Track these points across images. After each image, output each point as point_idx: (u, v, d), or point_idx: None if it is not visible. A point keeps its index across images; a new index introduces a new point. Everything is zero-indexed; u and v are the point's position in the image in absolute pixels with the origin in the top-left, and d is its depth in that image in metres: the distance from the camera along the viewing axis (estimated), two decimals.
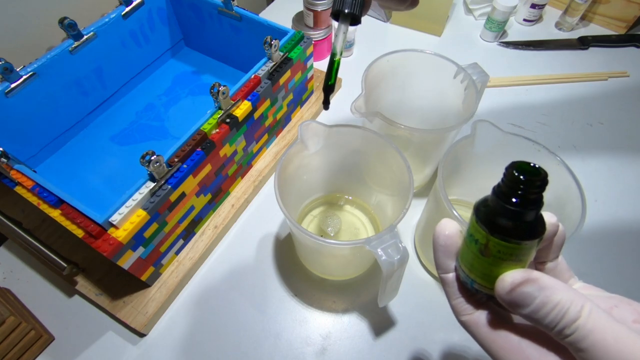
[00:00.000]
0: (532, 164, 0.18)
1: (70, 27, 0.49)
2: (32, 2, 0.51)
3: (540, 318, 0.17)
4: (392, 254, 0.31)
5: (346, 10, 0.28)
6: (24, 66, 0.47)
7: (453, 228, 0.21)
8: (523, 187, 0.17)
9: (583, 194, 0.34)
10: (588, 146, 0.59)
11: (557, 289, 0.17)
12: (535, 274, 0.18)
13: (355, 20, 0.29)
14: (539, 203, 0.18)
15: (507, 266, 0.19)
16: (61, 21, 0.48)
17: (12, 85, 0.46)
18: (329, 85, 0.30)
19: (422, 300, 0.45)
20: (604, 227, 0.51)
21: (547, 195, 0.18)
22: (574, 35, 0.74)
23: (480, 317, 0.20)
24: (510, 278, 0.18)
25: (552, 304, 0.17)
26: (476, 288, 0.20)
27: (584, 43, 0.72)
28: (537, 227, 0.18)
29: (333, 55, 0.30)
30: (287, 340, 0.43)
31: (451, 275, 0.22)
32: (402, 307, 0.45)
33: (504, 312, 0.20)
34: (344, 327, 0.44)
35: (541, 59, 0.71)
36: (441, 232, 0.21)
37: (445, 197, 0.35)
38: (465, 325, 0.21)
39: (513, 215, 0.18)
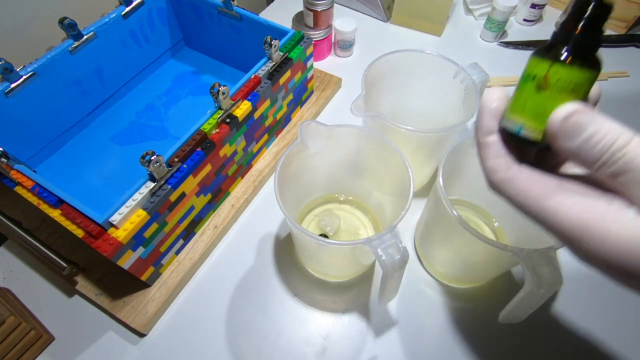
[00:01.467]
0: None
1: (70, 27, 0.49)
2: (32, 2, 0.51)
3: (590, 147, 0.17)
4: (392, 254, 0.31)
5: None
6: (24, 66, 0.47)
7: (501, 93, 0.22)
8: (591, 10, 0.18)
9: None
10: None
11: (608, 120, 0.18)
12: (589, 106, 0.18)
13: None
14: (601, 32, 0.19)
15: (563, 99, 0.19)
16: (61, 21, 0.48)
17: (12, 85, 0.46)
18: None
19: (422, 300, 0.45)
20: None
21: None
22: None
23: (520, 169, 0.21)
24: (565, 107, 0.19)
25: (603, 132, 0.17)
26: (524, 134, 0.20)
27: None
28: (597, 58, 0.19)
29: None
30: (287, 340, 0.43)
31: (492, 137, 0.22)
32: (402, 307, 0.45)
33: (540, 170, 0.21)
34: (344, 327, 0.44)
35: None
36: (491, 96, 0.22)
37: (445, 197, 0.35)
38: (498, 183, 0.21)
39: (577, 38, 0.19)
